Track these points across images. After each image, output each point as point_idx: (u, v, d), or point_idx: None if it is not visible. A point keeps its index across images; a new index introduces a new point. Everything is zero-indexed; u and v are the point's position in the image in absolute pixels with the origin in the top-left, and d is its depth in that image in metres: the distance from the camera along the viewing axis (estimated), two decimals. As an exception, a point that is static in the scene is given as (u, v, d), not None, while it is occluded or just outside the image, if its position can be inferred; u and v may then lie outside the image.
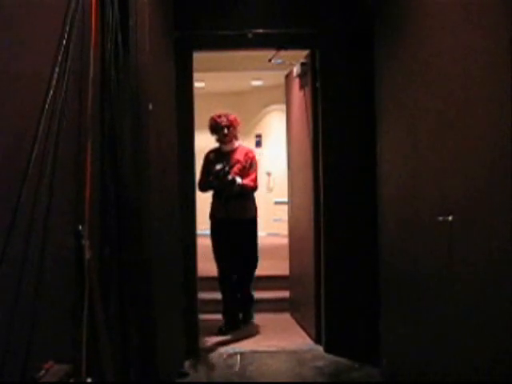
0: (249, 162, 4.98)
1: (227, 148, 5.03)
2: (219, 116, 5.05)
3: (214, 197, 5.02)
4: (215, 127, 5.03)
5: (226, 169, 4.74)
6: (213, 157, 5.02)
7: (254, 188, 4.98)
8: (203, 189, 5.00)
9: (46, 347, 2.15)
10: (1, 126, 2.02)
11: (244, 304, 5.18)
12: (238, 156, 4.97)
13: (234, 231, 4.90)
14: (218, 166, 4.76)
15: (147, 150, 3.20)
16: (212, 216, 5.03)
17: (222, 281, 4.99)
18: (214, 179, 4.79)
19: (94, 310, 2.33)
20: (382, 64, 3.67)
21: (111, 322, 2.62)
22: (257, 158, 5.15)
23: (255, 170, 5.00)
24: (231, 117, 5.04)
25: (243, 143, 5.37)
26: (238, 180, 4.78)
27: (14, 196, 1.99)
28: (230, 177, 4.73)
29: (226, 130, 4.98)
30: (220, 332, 4.86)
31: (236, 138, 5.07)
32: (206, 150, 5.15)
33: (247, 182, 4.87)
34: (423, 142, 2.99)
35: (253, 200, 5.04)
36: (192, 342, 4.33)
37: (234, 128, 5.03)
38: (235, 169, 4.84)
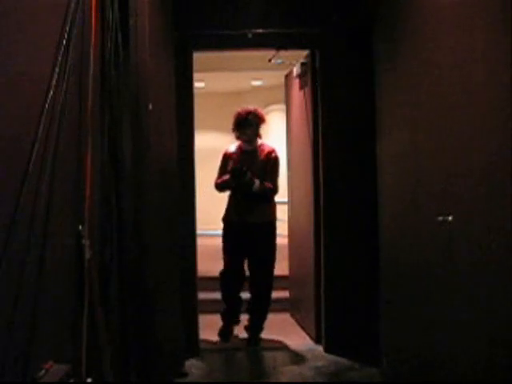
0: (271, 162, 4.61)
1: (250, 147, 4.67)
2: (248, 112, 4.64)
3: (231, 198, 4.70)
4: (243, 124, 4.62)
5: (244, 169, 4.41)
6: (234, 155, 4.68)
7: (275, 191, 4.60)
8: (221, 188, 4.72)
9: (46, 347, 2.15)
10: (0, 125, 2.02)
11: (256, 317, 4.69)
12: (261, 155, 4.62)
13: (249, 236, 4.56)
14: (237, 166, 4.46)
15: (147, 150, 3.20)
16: (226, 219, 4.70)
17: (225, 283, 4.68)
18: (231, 178, 4.50)
19: (94, 309, 2.33)
20: (381, 63, 3.67)
21: (111, 321, 2.62)
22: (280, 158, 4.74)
23: (277, 172, 4.62)
24: (259, 113, 4.67)
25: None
26: (257, 182, 4.44)
27: (13, 196, 1.99)
28: (247, 177, 4.40)
29: (254, 129, 4.62)
30: (222, 338, 4.67)
31: (260, 136, 4.72)
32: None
33: (267, 184, 4.51)
34: (423, 141, 2.99)
35: (272, 204, 4.67)
36: (192, 342, 4.33)
37: (261, 126, 4.68)
38: (255, 170, 4.48)
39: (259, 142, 4.72)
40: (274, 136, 9.49)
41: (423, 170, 3.00)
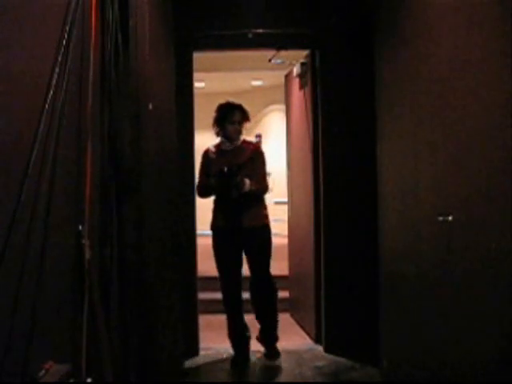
0: (259, 158, 4.18)
1: (231, 146, 4.21)
2: (233, 106, 4.21)
3: (217, 203, 4.22)
4: (227, 119, 4.16)
5: (234, 169, 3.95)
6: (214, 155, 4.22)
7: (266, 190, 4.20)
8: (203, 193, 4.25)
9: (46, 347, 2.15)
10: (1, 125, 2.02)
11: (267, 333, 4.25)
12: (245, 153, 4.15)
13: (242, 242, 4.12)
14: (225, 168, 3.96)
15: (147, 150, 3.20)
16: (214, 226, 4.20)
17: (227, 302, 4.23)
18: (218, 181, 4.02)
19: (94, 309, 2.33)
20: (382, 64, 3.67)
21: (111, 322, 2.62)
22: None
23: (265, 168, 4.23)
24: (245, 109, 4.23)
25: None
26: (247, 182, 3.98)
27: (14, 196, 1.99)
28: (238, 178, 3.94)
29: (238, 126, 4.18)
30: (234, 366, 4.18)
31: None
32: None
33: (257, 183, 4.07)
34: (423, 141, 2.99)
35: (264, 204, 4.23)
36: (192, 341, 4.34)
37: (244, 124, 4.23)
38: (247, 170, 4.03)
39: (241, 139, 4.25)
40: (274, 136, 9.51)
41: (423, 170, 3.00)
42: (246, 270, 4.27)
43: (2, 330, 1.93)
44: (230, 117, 4.16)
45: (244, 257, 4.24)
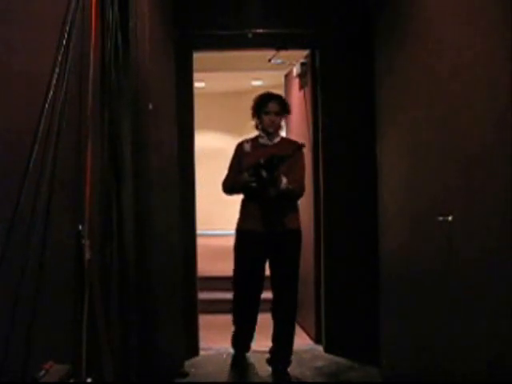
0: (300, 159, 3.79)
1: (269, 141, 3.89)
2: (274, 96, 3.92)
3: (246, 202, 3.85)
4: (262, 110, 3.87)
5: (275, 161, 3.53)
6: (249, 149, 3.88)
7: (302, 192, 3.83)
8: (231, 189, 3.88)
9: (46, 347, 2.15)
10: (1, 125, 2.02)
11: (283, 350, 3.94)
12: (284, 151, 3.69)
13: (275, 248, 3.78)
14: (261, 159, 3.55)
15: (147, 150, 3.20)
16: (243, 228, 3.85)
17: (240, 310, 4.03)
18: (253, 176, 3.63)
19: (94, 309, 2.33)
20: (382, 63, 3.67)
21: (111, 321, 2.62)
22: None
23: (304, 171, 3.86)
24: (284, 100, 3.99)
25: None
26: (284, 179, 3.60)
27: (14, 196, 2.00)
28: (276, 173, 3.54)
29: (275, 117, 3.85)
30: (234, 366, 4.12)
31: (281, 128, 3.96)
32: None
33: (294, 184, 3.69)
34: (423, 141, 2.99)
35: (297, 209, 3.87)
36: (192, 341, 4.33)
37: (284, 118, 3.97)
38: (283, 168, 3.58)
39: (280, 135, 3.98)
40: (274, 136, 9.51)
41: (423, 170, 3.00)
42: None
43: (2, 330, 1.93)
44: (265, 106, 3.84)
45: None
